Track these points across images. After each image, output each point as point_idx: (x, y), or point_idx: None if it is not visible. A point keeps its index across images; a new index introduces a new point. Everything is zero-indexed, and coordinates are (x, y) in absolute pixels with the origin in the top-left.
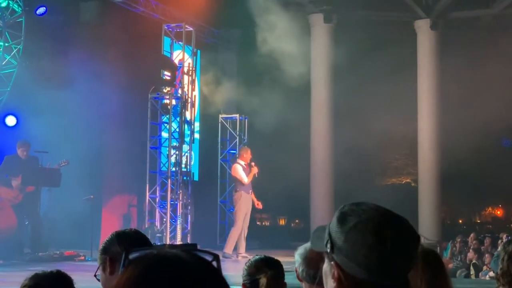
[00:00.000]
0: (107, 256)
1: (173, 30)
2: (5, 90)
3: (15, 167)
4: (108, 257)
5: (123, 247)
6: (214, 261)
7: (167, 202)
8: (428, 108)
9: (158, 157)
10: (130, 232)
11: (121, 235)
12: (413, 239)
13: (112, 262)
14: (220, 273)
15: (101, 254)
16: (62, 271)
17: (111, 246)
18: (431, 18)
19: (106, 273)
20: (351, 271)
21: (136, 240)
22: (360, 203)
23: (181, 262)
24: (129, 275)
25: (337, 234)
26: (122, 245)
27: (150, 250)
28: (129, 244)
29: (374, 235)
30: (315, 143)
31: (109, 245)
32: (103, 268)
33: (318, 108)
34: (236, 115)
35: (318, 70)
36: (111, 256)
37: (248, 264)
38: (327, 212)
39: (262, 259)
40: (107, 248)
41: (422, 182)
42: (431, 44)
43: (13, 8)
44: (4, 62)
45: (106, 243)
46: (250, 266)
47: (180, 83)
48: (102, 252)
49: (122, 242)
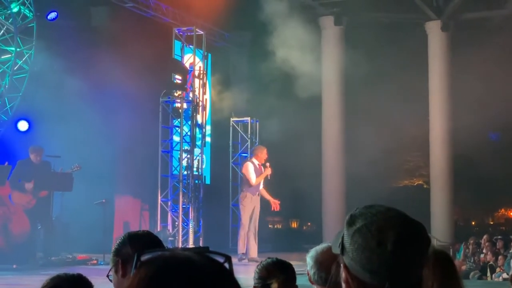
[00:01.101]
0: (119, 259)
1: (183, 33)
2: (17, 95)
3: (28, 171)
4: (120, 259)
5: (135, 249)
6: (226, 263)
7: (179, 206)
8: (440, 110)
9: (169, 161)
10: (143, 234)
11: (133, 237)
12: (420, 243)
13: (124, 264)
14: (232, 275)
15: (113, 255)
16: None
17: (123, 247)
18: (442, 19)
19: (118, 275)
20: (357, 274)
21: (148, 242)
22: (371, 205)
23: (193, 264)
24: (141, 276)
25: (345, 237)
26: (134, 247)
27: (162, 252)
28: (141, 246)
29: (375, 238)
30: (327, 146)
31: (121, 247)
32: (115, 270)
33: (329, 110)
34: (247, 118)
35: (328, 72)
36: (123, 259)
37: (259, 267)
38: (339, 215)
39: (274, 263)
40: (119, 249)
41: (434, 184)
42: (442, 46)
43: (24, 14)
44: (16, 67)
45: (118, 245)
46: (262, 269)
47: (191, 87)
48: (114, 254)
49: (134, 244)
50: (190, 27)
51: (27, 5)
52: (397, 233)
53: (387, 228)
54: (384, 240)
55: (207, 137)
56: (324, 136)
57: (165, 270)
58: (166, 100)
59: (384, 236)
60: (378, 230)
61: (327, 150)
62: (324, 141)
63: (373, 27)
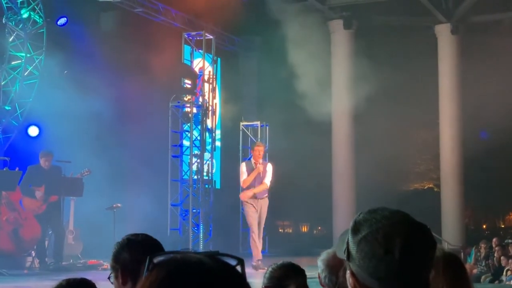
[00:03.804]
0: (118, 267)
1: (193, 38)
2: (28, 100)
3: (38, 177)
4: (120, 267)
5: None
6: (238, 266)
7: (189, 210)
8: (450, 113)
9: (179, 165)
10: (141, 238)
11: (132, 242)
12: (426, 247)
13: (123, 272)
14: (244, 278)
15: (112, 261)
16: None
17: (121, 253)
18: (452, 22)
19: (118, 282)
20: (364, 281)
21: (146, 246)
22: (375, 210)
23: (205, 267)
24: (152, 280)
25: (351, 244)
26: (133, 253)
27: (174, 255)
28: (140, 251)
29: (382, 246)
30: (337, 149)
31: (120, 253)
32: (116, 276)
33: (339, 114)
34: (257, 123)
35: (338, 75)
36: (122, 266)
37: (274, 267)
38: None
39: (291, 265)
40: (117, 255)
41: (445, 187)
42: (452, 49)
43: (34, 19)
44: (26, 72)
45: (116, 251)
46: (276, 270)
47: (201, 91)
48: (113, 260)
49: (133, 249)
50: (200, 31)
51: (37, 11)
52: (404, 240)
53: (393, 235)
54: (391, 247)
55: (217, 142)
56: (334, 140)
57: (177, 273)
58: (176, 104)
59: (390, 243)
60: (384, 238)
61: (337, 154)
62: (334, 144)
63: (383, 30)
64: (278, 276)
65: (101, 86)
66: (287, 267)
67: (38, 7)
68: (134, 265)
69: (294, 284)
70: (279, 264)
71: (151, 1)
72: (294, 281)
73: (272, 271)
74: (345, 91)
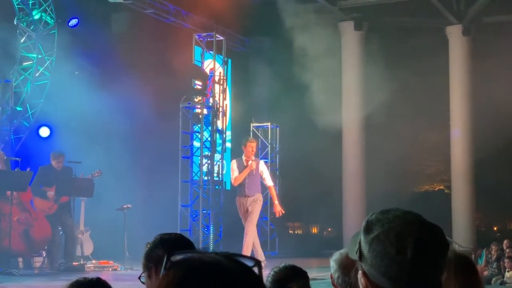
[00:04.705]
0: (152, 265)
1: (203, 39)
2: (39, 101)
3: (50, 177)
4: (153, 265)
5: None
6: (256, 267)
7: (199, 212)
8: (461, 114)
9: (190, 166)
10: (175, 237)
11: (166, 240)
12: (438, 247)
13: (158, 270)
14: (261, 280)
15: (145, 260)
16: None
17: (155, 251)
18: (463, 23)
19: (152, 280)
20: (376, 281)
21: (180, 244)
22: (388, 210)
23: (222, 268)
24: (169, 279)
25: (363, 244)
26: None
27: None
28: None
29: (395, 246)
30: (347, 151)
31: (153, 250)
32: (149, 275)
33: (350, 116)
34: (267, 124)
35: (349, 77)
36: (156, 263)
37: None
38: (360, 220)
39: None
40: (151, 253)
41: (456, 189)
42: (463, 50)
43: (46, 21)
44: (37, 73)
45: (150, 248)
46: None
47: (211, 92)
48: (146, 258)
49: (167, 247)
50: (210, 32)
51: (48, 12)
52: (416, 240)
53: (405, 235)
54: (403, 247)
55: (227, 143)
56: (344, 141)
57: (193, 273)
58: (186, 105)
59: (403, 243)
60: (396, 237)
61: (347, 155)
62: (345, 146)
63: (393, 31)
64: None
65: (112, 87)
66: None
67: (50, 8)
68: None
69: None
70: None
71: (162, 2)
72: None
73: (275, 274)
74: (355, 92)
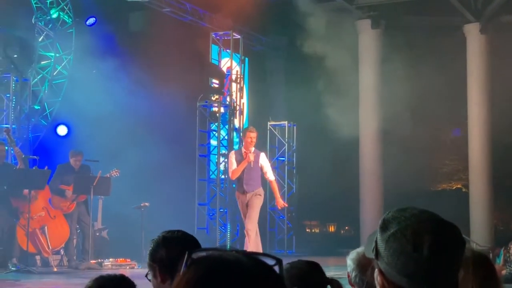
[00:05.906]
0: (156, 266)
1: (220, 38)
2: (57, 100)
3: (68, 175)
4: (157, 266)
5: (170, 252)
6: (277, 266)
7: (216, 210)
8: (479, 112)
9: (207, 164)
10: (177, 235)
11: (168, 239)
12: (455, 245)
13: (161, 270)
14: (282, 279)
15: (149, 259)
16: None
17: (158, 251)
18: (481, 22)
19: (157, 280)
20: (393, 279)
21: (183, 242)
22: (405, 208)
23: (243, 267)
24: (189, 277)
25: (379, 242)
26: (169, 250)
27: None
28: (177, 249)
29: (411, 243)
30: (364, 149)
31: (156, 250)
32: (154, 275)
33: (367, 113)
34: (284, 122)
35: (366, 75)
36: (159, 264)
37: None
38: (377, 218)
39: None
40: (154, 254)
41: (473, 188)
42: (481, 48)
43: (63, 19)
44: (55, 72)
45: (152, 249)
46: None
47: (228, 91)
48: (150, 258)
49: (169, 247)
50: (227, 31)
51: (66, 11)
52: (433, 237)
53: (422, 232)
54: (420, 244)
55: None
56: (361, 140)
57: (214, 272)
58: (203, 104)
59: (419, 240)
60: (413, 235)
61: (364, 154)
62: (362, 144)
63: (411, 30)
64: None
65: (129, 86)
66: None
67: (67, 7)
68: (172, 262)
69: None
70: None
71: (179, 1)
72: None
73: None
74: (373, 90)
